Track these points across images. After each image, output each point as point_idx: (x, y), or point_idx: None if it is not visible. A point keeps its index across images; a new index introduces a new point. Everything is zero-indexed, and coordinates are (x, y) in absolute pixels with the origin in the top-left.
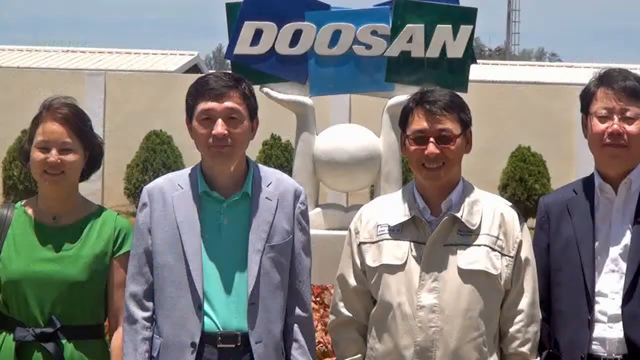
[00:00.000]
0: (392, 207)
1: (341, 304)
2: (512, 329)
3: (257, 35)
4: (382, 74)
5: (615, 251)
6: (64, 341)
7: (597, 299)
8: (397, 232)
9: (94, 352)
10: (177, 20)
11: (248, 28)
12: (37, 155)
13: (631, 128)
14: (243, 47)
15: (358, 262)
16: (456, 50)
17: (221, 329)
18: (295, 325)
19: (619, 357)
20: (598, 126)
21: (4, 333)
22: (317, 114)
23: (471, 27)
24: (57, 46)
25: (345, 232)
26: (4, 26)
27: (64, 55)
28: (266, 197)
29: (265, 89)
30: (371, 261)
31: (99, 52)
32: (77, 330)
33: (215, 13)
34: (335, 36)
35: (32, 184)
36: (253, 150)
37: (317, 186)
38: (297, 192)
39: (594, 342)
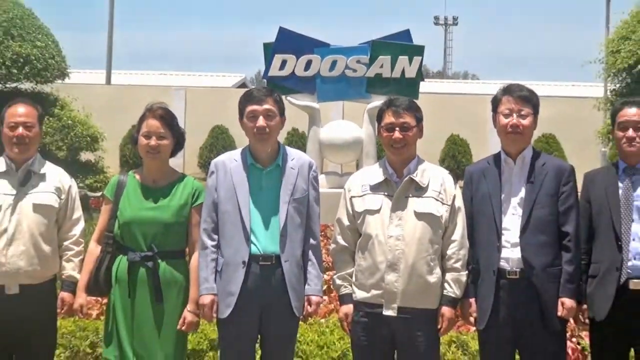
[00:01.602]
0: (372, 173)
1: (339, 237)
2: (449, 252)
3: (283, 63)
4: (363, 87)
5: (515, 201)
6: (159, 261)
7: (503, 232)
8: (375, 188)
9: (179, 268)
10: (230, 53)
11: (277, 59)
12: (142, 141)
13: (524, 122)
14: (274, 71)
15: (350, 209)
16: (411, 72)
17: (262, 252)
18: (310, 250)
19: (517, 270)
20: (503, 121)
21: (120, 256)
22: (321, 114)
23: (420, 57)
24: (154, 70)
25: (341, 190)
26: (137, 57)
27: (159, 76)
28: (291, 167)
29: (289, 98)
30: (358, 208)
31: (181, 75)
32: (168, 254)
33: (257, 49)
34: (333, 64)
35: (139, 159)
36: (281, 137)
37: (322, 160)
38: (311, 164)
39: (501, 260)
